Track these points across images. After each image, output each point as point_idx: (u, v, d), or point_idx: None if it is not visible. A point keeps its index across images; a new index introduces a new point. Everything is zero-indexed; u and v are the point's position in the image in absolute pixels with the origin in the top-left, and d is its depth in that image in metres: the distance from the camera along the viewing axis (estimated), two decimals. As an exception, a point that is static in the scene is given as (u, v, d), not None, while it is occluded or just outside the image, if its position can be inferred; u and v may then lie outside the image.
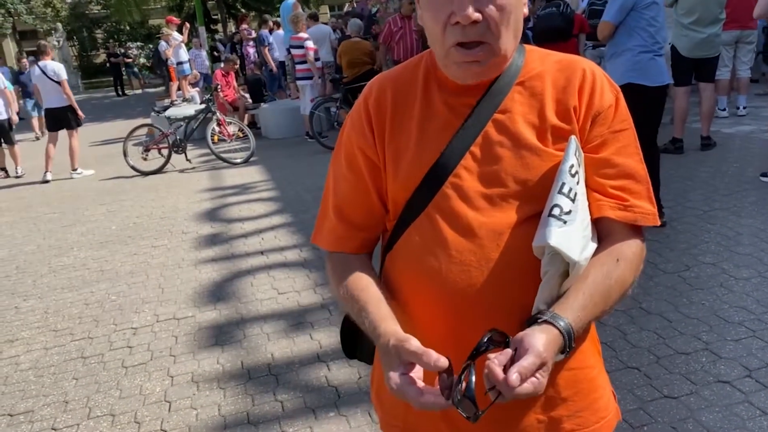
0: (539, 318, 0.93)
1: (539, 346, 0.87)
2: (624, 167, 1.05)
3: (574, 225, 0.98)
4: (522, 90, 1.07)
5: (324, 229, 1.21)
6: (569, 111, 1.05)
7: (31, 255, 5.46)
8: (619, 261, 1.02)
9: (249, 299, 4.00)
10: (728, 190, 4.96)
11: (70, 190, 7.98)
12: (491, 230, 1.02)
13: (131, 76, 24.86)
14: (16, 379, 3.32)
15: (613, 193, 1.04)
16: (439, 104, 1.09)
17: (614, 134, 1.06)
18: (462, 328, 1.05)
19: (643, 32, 4.19)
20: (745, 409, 2.43)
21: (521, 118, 1.05)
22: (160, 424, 2.78)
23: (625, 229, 1.05)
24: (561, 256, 0.96)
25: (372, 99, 1.14)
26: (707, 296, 3.34)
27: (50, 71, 8.54)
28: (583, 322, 0.95)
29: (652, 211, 1.06)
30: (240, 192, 7.00)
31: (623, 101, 1.08)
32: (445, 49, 1.00)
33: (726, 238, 4.06)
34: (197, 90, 13.16)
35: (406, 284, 1.10)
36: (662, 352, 2.87)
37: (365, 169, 1.13)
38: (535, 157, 1.03)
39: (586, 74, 1.07)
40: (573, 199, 0.98)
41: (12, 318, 4.13)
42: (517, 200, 1.03)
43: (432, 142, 1.07)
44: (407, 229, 1.09)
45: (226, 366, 3.21)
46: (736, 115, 7.62)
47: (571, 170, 0.99)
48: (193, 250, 5.10)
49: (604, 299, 0.98)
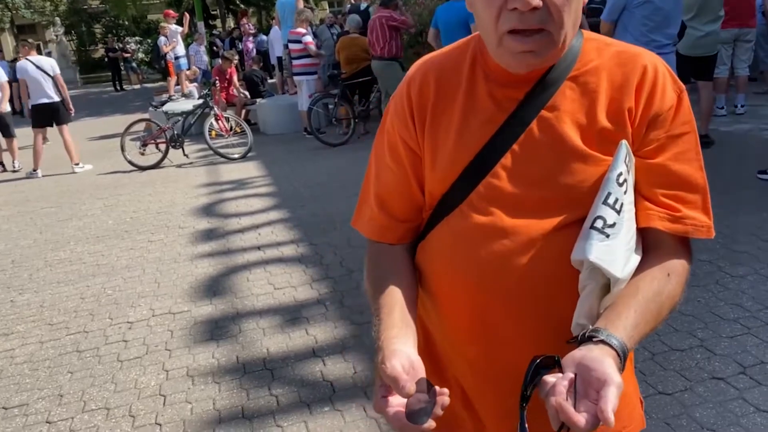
0: (594, 336, 0.86)
1: (614, 375, 0.79)
2: (680, 174, 0.97)
3: (618, 239, 0.92)
4: (574, 86, 0.99)
5: (365, 215, 1.16)
6: (623, 113, 0.96)
7: (28, 249, 5.45)
8: (670, 276, 0.95)
9: (245, 294, 4.00)
10: (725, 187, 4.95)
11: (67, 185, 7.97)
12: (525, 235, 0.97)
13: (129, 71, 24.78)
14: (11, 372, 3.32)
15: (665, 202, 0.97)
16: (484, 96, 1.02)
17: (673, 138, 0.97)
18: (487, 329, 1.02)
19: (636, 31, 4.18)
20: (739, 406, 2.44)
21: (569, 118, 0.97)
22: (155, 418, 2.77)
23: (674, 241, 0.98)
24: (601, 271, 0.91)
25: (415, 85, 1.08)
26: (703, 293, 3.34)
27: (47, 66, 8.51)
28: (635, 341, 0.89)
29: (707, 223, 0.99)
30: (237, 187, 7.00)
31: (686, 101, 0.99)
32: (498, 35, 0.91)
33: (722, 236, 4.06)
34: (195, 85, 13.14)
35: (435, 277, 1.08)
36: (657, 349, 2.87)
37: (406, 160, 1.09)
38: (579, 161, 0.96)
39: (647, 71, 0.97)
40: (619, 210, 0.92)
41: (7, 311, 4.12)
42: (557, 206, 0.97)
43: (473, 136, 1.01)
44: (441, 222, 1.06)
45: (222, 360, 3.21)
46: (735, 113, 7.62)
47: (619, 179, 0.92)
48: (190, 245, 5.10)
49: (655, 317, 0.93)
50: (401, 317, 1.00)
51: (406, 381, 0.86)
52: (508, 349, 1.02)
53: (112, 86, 23.34)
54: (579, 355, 0.83)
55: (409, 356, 0.92)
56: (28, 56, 8.51)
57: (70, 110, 8.83)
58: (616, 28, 4.35)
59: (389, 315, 1.00)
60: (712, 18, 5.91)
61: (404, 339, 0.96)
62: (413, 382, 0.86)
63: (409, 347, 0.94)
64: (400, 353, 0.91)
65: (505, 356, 1.02)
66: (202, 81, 13.28)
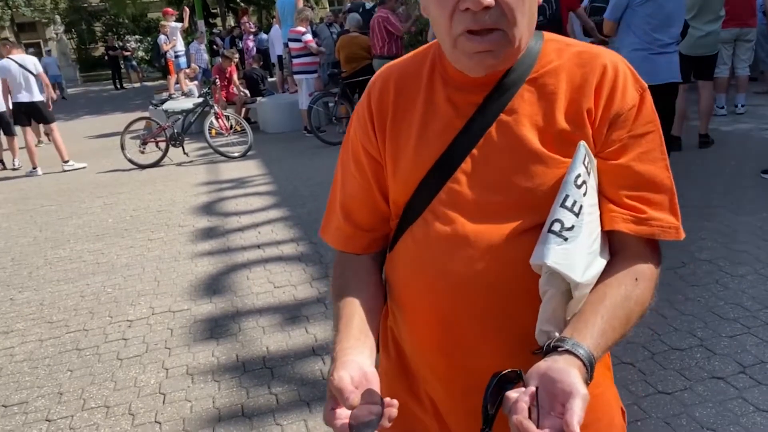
0: (559, 346, 0.83)
1: (580, 386, 0.76)
2: (644, 175, 0.95)
3: (577, 242, 0.89)
4: (533, 88, 0.97)
5: (331, 225, 1.15)
6: (582, 114, 0.95)
7: (27, 247, 5.45)
8: (638, 280, 0.93)
9: (245, 292, 4.00)
10: (725, 187, 4.96)
11: (66, 183, 7.96)
12: (486, 242, 0.95)
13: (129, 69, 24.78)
14: (11, 370, 3.31)
15: (629, 203, 0.95)
16: (443, 102, 1.01)
17: (636, 138, 0.95)
18: (454, 340, 1.00)
19: (638, 29, 4.18)
20: (738, 405, 2.44)
21: (527, 120, 0.96)
22: (155, 416, 2.77)
23: (641, 243, 0.96)
24: (561, 276, 0.89)
25: (375, 93, 1.07)
26: (703, 293, 3.34)
27: (30, 64, 8.52)
28: (603, 350, 0.86)
29: (675, 223, 0.96)
30: (237, 186, 6.99)
31: (649, 100, 0.97)
32: (453, 38, 0.91)
33: (723, 235, 4.06)
34: (196, 84, 13.13)
35: (401, 287, 1.06)
36: (657, 348, 2.87)
37: (368, 168, 1.08)
38: (539, 164, 0.94)
39: (606, 71, 0.96)
40: (577, 213, 0.90)
41: (7, 309, 4.12)
42: (517, 210, 0.95)
43: (432, 142, 1.00)
44: (406, 231, 1.04)
45: (221, 359, 3.21)
46: (735, 113, 7.62)
47: (577, 181, 0.90)
48: (190, 244, 5.09)
49: (623, 324, 0.90)
50: (359, 328, 0.98)
51: (351, 392, 0.83)
52: (475, 359, 0.99)
53: (112, 84, 23.36)
54: (544, 367, 0.80)
55: (362, 367, 0.90)
56: (11, 55, 8.51)
57: (49, 107, 8.86)
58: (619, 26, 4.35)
59: (347, 326, 0.98)
60: (712, 18, 5.90)
61: (360, 350, 0.93)
62: (358, 394, 0.83)
63: (364, 358, 0.92)
64: (351, 364, 0.89)
65: (473, 367, 1.00)
66: (202, 79, 13.27)
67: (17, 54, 8.59)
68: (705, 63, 6.16)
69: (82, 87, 25.79)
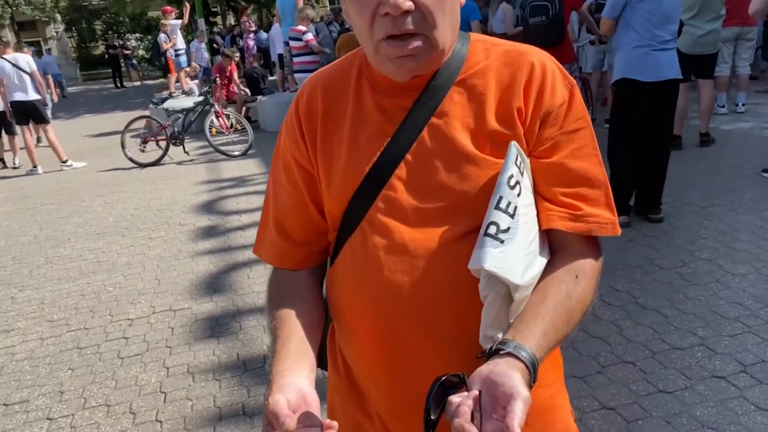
0: (501, 349, 0.82)
1: (521, 388, 0.75)
2: (578, 171, 0.94)
3: (513, 244, 0.88)
4: (462, 90, 0.96)
5: (265, 241, 1.11)
6: (512, 113, 0.93)
7: (28, 246, 5.45)
8: (579, 278, 0.92)
9: (245, 291, 4.00)
10: (726, 186, 4.96)
11: (67, 182, 7.96)
12: (425, 248, 0.92)
13: (130, 68, 24.78)
14: (12, 369, 3.32)
15: (565, 201, 0.93)
16: (372, 108, 0.98)
17: (567, 135, 0.94)
18: (396, 353, 0.97)
19: (639, 27, 4.17)
20: (739, 404, 2.44)
21: (458, 123, 0.94)
22: (156, 415, 2.78)
23: (580, 240, 0.95)
24: (500, 279, 0.86)
25: (303, 102, 1.04)
26: (703, 292, 3.34)
27: (23, 63, 8.51)
28: (546, 350, 0.85)
29: (611, 219, 0.95)
30: (238, 184, 6.99)
31: (578, 96, 0.97)
32: (375, 43, 0.89)
33: (723, 234, 4.06)
34: (196, 82, 13.13)
35: (342, 302, 1.03)
36: (658, 347, 2.87)
37: (300, 180, 1.04)
38: (472, 166, 0.92)
39: (534, 69, 0.94)
40: (512, 214, 0.88)
41: (8, 308, 4.12)
42: (454, 214, 0.93)
43: (364, 150, 0.97)
44: (344, 244, 1.01)
45: (222, 357, 3.21)
46: (735, 112, 7.62)
47: (510, 182, 0.88)
48: (190, 242, 5.10)
49: (566, 322, 0.89)
50: (297, 348, 0.94)
51: (287, 416, 0.79)
52: (420, 371, 0.96)
53: (112, 83, 23.34)
54: (486, 371, 0.79)
55: (300, 389, 0.86)
56: (4, 55, 8.51)
57: (45, 105, 8.88)
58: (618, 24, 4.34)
59: (283, 347, 0.94)
60: (713, 16, 5.89)
61: (298, 371, 0.90)
62: (294, 418, 0.80)
63: (302, 379, 0.89)
64: (287, 387, 0.85)
65: (418, 379, 0.95)
66: (202, 78, 13.27)
67: (10, 53, 8.59)
68: (705, 62, 6.15)
69: (82, 85, 25.79)
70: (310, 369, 0.93)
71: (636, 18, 4.18)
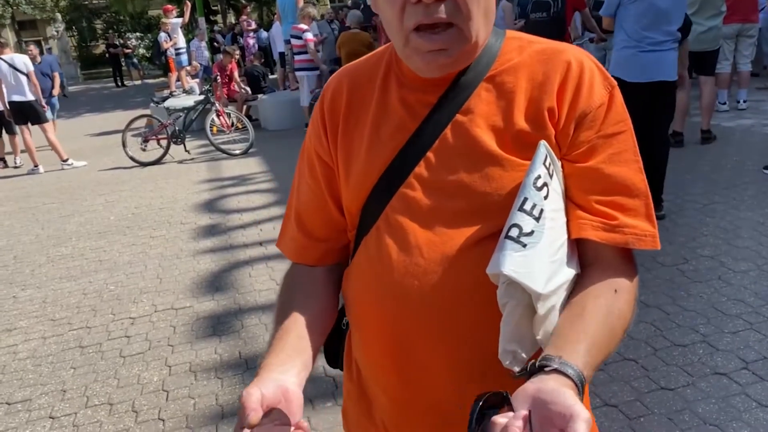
0: (546, 365, 0.73)
1: (580, 408, 0.65)
2: (615, 178, 0.87)
3: (537, 249, 0.81)
4: (490, 86, 0.91)
5: (287, 234, 1.10)
6: (542, 114, 0.88)
7: (30, 245, 5.46)
8: (618, 293, 0.85)
9: (247, 290, 4.00)
10: (728, 183, 4.95)
11: (68, 181, 7.97)
12: (439, 251, 0.88)
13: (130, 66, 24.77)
14: (14, 368, 3.32)
15: (599, 209, 0.87)
16: (395, 102, 0.95)
17: (605, 139, 0.88)
18: (405, 358, 0.93)
19: (629, 27, 4.17)
20: (741, 401, 2.44)
21: (484, 121, 0.89)
22: (158, 413, 2.78)
23: (615, 254, 0.88)
24: (521, 286, 0.80)
25: (328, 96, 1.02)
26: (705, 289, 3.34)
27: (20, 64, 8.52)
28: (591, 369, 0.76)
29: (651, 231, 0.87)
30: (239, 183, 6.99)
31: (619, 98, 0.91)
32: (405, 34, 0.85)
33: (725, 231, 4.06)
34: (197, 81, 13.13)
35: (355, 303, 1.00)
36: (660, 344, 2.87)
37: (321, 175, 1.02)
38: (496, 167, 0.87)
39: (571, 68, 0.89)
40: (537, 217, 0.82)
41: (10, 307, 4.13)
42: (473, 217, 0.88)
43: (385, 145, 0.94)
44: (361, 243, 0.98)
45: (224, 356, 3.21)
46: (737, 108, 7.61)
47: (537, 182, 0.83)
48: (192, 241, 5.10)
49: (608, 340, 0.81)
50: (293, 344, 0.92)
51: (252, 411, 0.76)
52: (428, 382, 0.93)
53: (113, 82, 23.35)
54: (532, 389, 0.70)
55: (283, 386, 0.83)
56: (2, 55, 8.51)
57: (44, 107, 8.90)
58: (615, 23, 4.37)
59: (278, 341, 0.93)
60: (713, 13, 5.89)
61: (285, 367, 0.87)
62: (259, 413, 0.77)
63: (290, 376, 0.87)
64: (267, 381, 0.83)
65: (426, 387, 0.94)
66: (203, 77, 13.26)
67: (7, 54, 8.59)
68: (706, 58, 6.15)
69: (83, 85, 25.78)
70: (302, 366, 0.91)
71: (627, 18, 4.18)
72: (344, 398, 1.16)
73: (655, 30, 4.11)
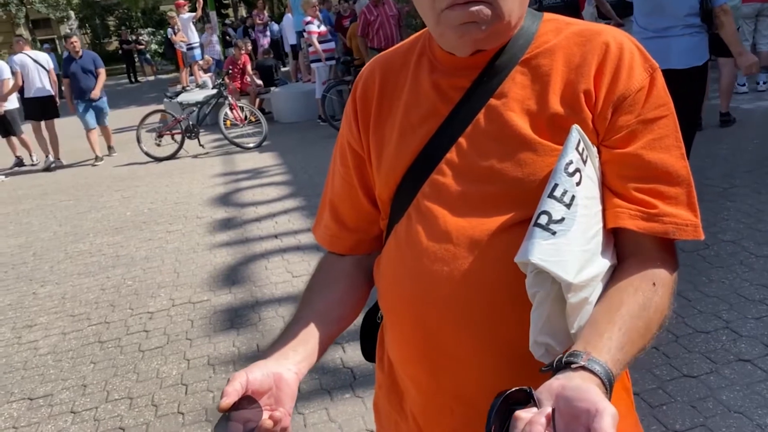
0: (572, 362, 0.71)
1: (605, 403, 0.63)
2: (656, 165, 0.83)
3: (568, 237, 0.78)
4: (526, 70, 0.88)
5: (321, 222, 1.11)
6: (578, 97, 0.85)
7: (48, 242, 5.51)
8: (656, 286, 0.81)
9: (263, 282, 4.01)
10: (748, 166, 4.86)
11: (84, 178, 8.03)
12: (469, 237, 0.86)
13: (144, 62, 24.88)
14: (35, 363, 3.35)
15: (638, 197, 0.83)
16: (427, 87, 0.93)
17: (645, 123, 0.84)
18: (433, 347, 0.91)
19: (636, 14, 4.06)
20: (766, 388, 2.39)
21: (518, 105, 0.87)
22: (177, 407, 2.79)
23: (655, 244, 0.84)
24: (550, 276, 0.77)
25: (361, 84, 1.02)
26: (727, 274, 3.28)
27: (43, 60, 8.77)
28: (622, 366, 0.74)
29: (693, 220, 0.83)
30: (253, 176, 7.00)
31: (661, 81, 0.86)
32: (437, 12, 0.83)
33: (746, 216, 3.99)
34: (209, 75, 13.15)
35: (385, 293, 0.99)
36: (681, 331, 2.83)
37: (352, 164, 1.02)
38: (529, 152, 0.85)
39: (609, 49, 0.85)
40: (568, 204, 0.79)
41: (30, 304, 4.17)
42: (505, 203, 0.86)
43: (416, 132, 0.92)
44: (391, 232, 0.97)
45: (242, 349, 3.22)
46: (756, 90, 7.47)
47: (569, 168, 0.80)
48: (208, 235, 5.11)
49: (643, 335, 0.78)
50: (305, 332, 0.93)
51: (228, 395, 0.77)
52: (456, 370, 0.90)
53: (126, 78, 23.48)
54: (557, 385, 0.67)
55: (276, 373, 0.84)
56: (24, 51, 8.70)
57: (55, 104, 9.04)
58: None
59: (290, 327, 0.94)
60: (732, -7, 5.76)
61: (283, 355, 0.88)
62: (232, 397, 0.78)
63: (289, 365, 0.87)
64: (257, 367, 0.84)
65: (454, 378, 0.91)
66: (215, 71, 13.29)
67: (29, 50, 8.74)
68: (725, 40, 6.02)
69: (97, 82, 25.94)
70: (304, 356, 0.91)
71: (635, 5, 4.07)
72: (375, 390, 1.15)
73: (658, 15, 3.85)
